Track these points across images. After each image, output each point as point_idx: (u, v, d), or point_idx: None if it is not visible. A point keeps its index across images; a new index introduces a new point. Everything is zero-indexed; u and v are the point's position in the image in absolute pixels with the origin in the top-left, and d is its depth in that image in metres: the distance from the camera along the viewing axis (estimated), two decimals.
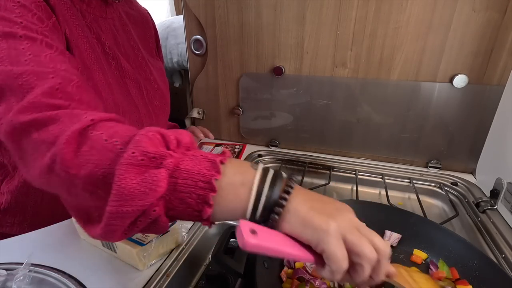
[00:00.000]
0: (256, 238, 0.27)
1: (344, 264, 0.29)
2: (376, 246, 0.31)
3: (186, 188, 0.29)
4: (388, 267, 0.33)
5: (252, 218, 0.31)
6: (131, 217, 0.29)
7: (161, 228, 0.31)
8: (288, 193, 0.31)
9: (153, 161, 0.29)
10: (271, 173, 0.32)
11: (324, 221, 0.29)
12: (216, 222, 0.57)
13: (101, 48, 0.56)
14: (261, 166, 0.33)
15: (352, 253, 0.30)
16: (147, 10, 0.78)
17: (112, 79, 0.57)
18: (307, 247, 0.31)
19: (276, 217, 0.30)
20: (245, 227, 0.28)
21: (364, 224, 0.33)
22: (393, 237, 0.57)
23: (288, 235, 0.31)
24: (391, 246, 0.55)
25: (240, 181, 0.31)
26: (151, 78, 0.69)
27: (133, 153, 0.29)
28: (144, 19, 0.75)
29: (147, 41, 0.74)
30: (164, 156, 0.29)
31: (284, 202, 0.31)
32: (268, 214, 0.31)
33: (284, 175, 0.34)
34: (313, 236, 0.30)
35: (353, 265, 0.30)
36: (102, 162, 0.30)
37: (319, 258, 0.30)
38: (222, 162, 0.31)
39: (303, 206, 0.31)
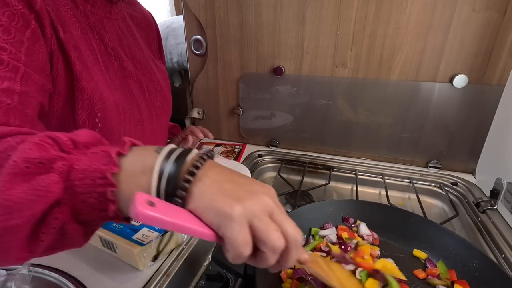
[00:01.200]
0: (152, 210, 0.25)
1: (245, 250, 0.27)
2: (286, 233, 0.29)
3: (85, 189, 0.27)
4: (299, 254, 0.31)
5: None
6: (23, 230, 0.27)
7: (74, 237, 0.29)
8: (192, 174, 0.28)
9: (41, 167, 0.27)
10: (175, 153, 0.30)
11: (229, 205, 0.27)
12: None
13: (104, 49, 0.56)
14: (167, 148, 0.30)
15: (256, 240, 0.28)
16: (150, 13, 0.79)
17: (114, 80, 0.57)
18: None
19: (180, 201, 0.28)
20: (140, 198, 0.26)
21: (281, 208, 0.30)
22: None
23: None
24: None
25: (140, 169, 0.29)
26: (154, 79, 0.69)
27: (14, 161, 0.26)
28: (147, 21, 0.75)
29: (150, 43, 0.75)
30: (53, 160, 0.27)
31: (187, 185, 0.28)
32: (171, 199, 0.28)
33: (195, 152, 0.31)
34: (214, 220, 0.27)
35: (258, 251, 0.29)
36: None
37: (222, 239, 0.28)
38: (120, 154, 0.29)
39: (210, 188, 0.28)
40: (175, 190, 0.28)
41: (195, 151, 0.31)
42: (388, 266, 0.50)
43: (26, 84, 0.41)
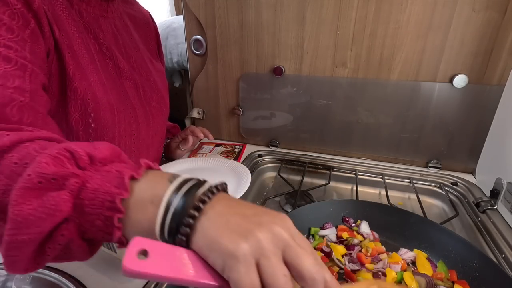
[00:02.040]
0: (141, 265, 0.23)
1: None
2: (301, 273, 0.25)
3: (93, 210, 0.26)
4: None
5: (163, 239, 0.26)
6: (31, 245, 0.26)
7: (79, 253, 0.29)
8: (198, 209, 0.26)
9: (53, 183, 0.26)
10: (187, 185, 0.27)
11: (234, 242, 0.24)
12: None
13: (98, 48, 0.56)
14: (180, 179, 0.28)
15: (263, 283, 0.24)
16: (149, 12, 0.79)
17: (108, 79, 0.57)
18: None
19: (183, 238, 0.25)
20: (133, 248, 0.23)
21: (300, 239, 0.27)
22: (408, 255, 0.53)
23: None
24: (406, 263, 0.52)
25: (150, 198, 0.27)
26: (150, 79, 0.69)
27: (29, 175, 0.26)
28: (145, 20, 0.75)
29: (148, 43, 0.75)
30: (66, 176, 0.26)
31: (191, 221, 0.25)
32: (176, 237, 0.26)
33: (208, 185, 0.28)
34: (217, 261, 0.24)
35: None
36: (7, 187, 0.27)
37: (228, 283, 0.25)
38: (133, 177, 0.27)
39: (214, 224, 0.25)
40: (179, 227, 0.26)
41: (207, 184, 0.29)
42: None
43: (34, 82, 0.41)
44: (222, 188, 0.29)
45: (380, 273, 0.49)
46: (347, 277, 0.49)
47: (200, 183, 0.28)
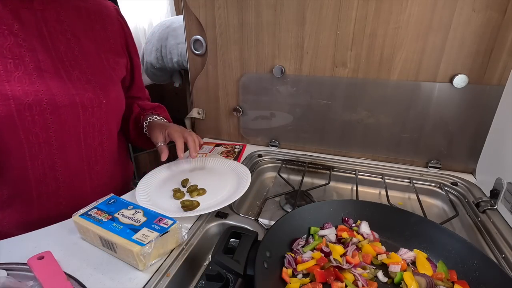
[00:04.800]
0: None
1: None
2: None
3: None
4: None
5: None
6: None
7: None
8: None
9: None
10: None
11: None
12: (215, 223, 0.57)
13: (14, 40, 0.56)
14: None
15: None
16: (114, 7, 0.76)
17: (24, 73, 0.57)
18: None
19: None
20: None
21: None
22: (408, 255, 0.53)
23: None
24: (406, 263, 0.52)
25: None
26: (88, 71, 0.66)
27: None
28: (103, 13, 0.72)
29: (99, 36, 0.71)
30: None
31: None
32: None
33: None
34: None
35: None
36: None
37: None
38: None
39: None
40: None
41: None
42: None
43: None
44: None
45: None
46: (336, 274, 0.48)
47: None
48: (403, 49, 0.76)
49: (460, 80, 0.73)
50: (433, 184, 0.82)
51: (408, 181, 0.82)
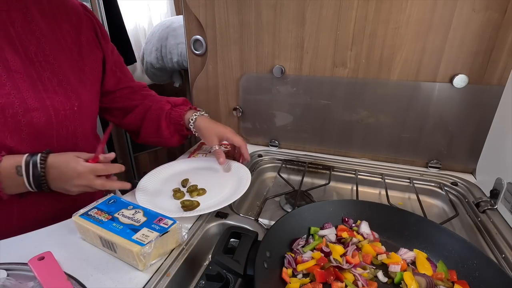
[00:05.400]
0: None
1: None
2: None
3: None
4: None
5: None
6: None
7: None
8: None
9: None
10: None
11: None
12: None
13: None
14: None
15: None
16: (80, 3, 0.75)
17: None
18: None
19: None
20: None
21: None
22: (408, 255, 0.53)
23: None
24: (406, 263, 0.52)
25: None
26: (59, 72, 0.66)
27: None
28: (70, 11, 0.72)
29: (68, 35, 0.70)
30: None
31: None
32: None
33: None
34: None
35: None
36: None
37: None
38: None
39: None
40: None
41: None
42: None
43: None
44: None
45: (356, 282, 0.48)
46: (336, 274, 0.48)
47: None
48: (403, 49, 0.76)
49: (460, 80, 0.73)
50: (433, 184, 0.82)
51: (408, 181, 0.82)
